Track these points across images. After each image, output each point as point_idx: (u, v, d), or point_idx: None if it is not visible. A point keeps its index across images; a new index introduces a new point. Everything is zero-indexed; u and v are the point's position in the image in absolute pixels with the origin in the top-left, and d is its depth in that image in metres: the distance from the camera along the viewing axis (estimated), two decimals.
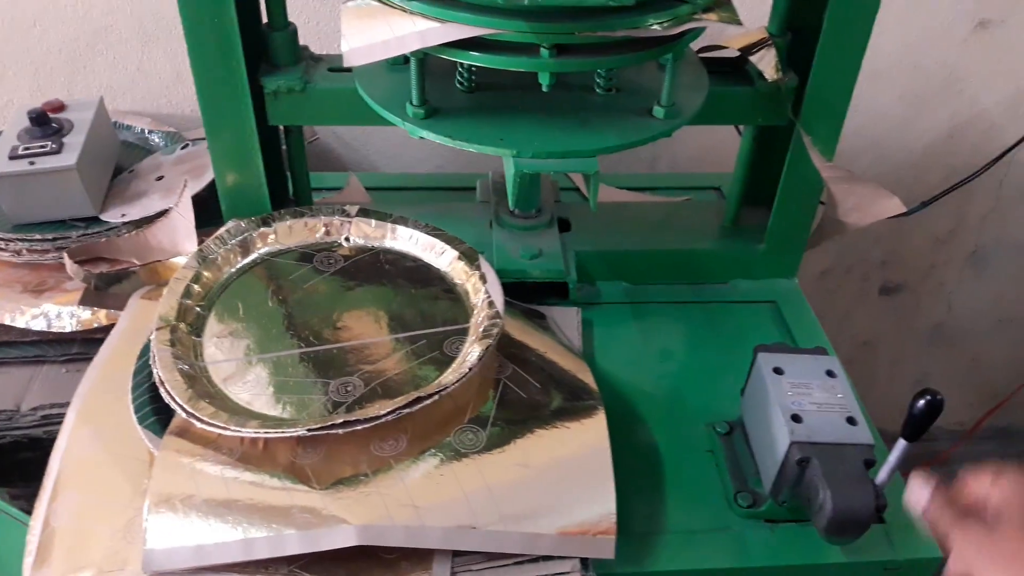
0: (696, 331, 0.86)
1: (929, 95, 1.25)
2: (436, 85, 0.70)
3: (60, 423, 0.69)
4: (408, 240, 0.79)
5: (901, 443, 0.59)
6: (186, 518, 0.56)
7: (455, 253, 0.77)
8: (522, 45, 0.62)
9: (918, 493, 0.52)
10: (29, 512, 0.63)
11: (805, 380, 0.66)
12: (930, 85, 1.24)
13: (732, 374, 0.76)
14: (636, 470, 0.70)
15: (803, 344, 0.83)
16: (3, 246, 0.87)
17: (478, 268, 0.75)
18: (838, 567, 0.65)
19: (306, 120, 0.80)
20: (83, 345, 0.87)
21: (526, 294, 0.83)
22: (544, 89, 0.65)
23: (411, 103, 0.68)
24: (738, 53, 0.81)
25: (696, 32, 0.66)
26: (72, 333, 0.84)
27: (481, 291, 0.72)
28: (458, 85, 0.72)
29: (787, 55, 0.80)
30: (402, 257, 0.78)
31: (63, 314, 0.84)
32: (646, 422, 0.75)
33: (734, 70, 0.82)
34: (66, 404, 0.70)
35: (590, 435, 0.66)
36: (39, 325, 0.84)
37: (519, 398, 0.67)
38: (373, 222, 0.79)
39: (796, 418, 0.63)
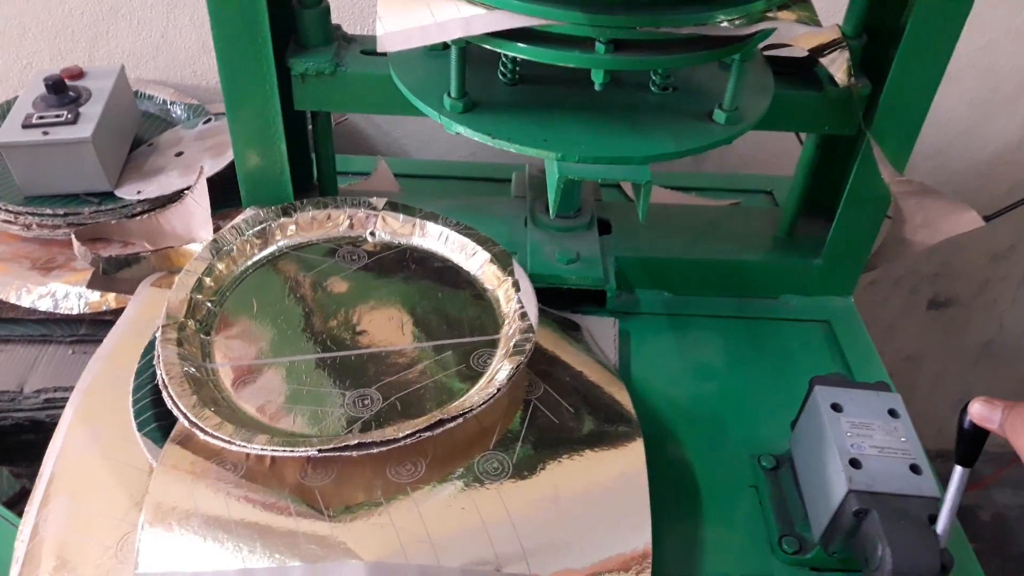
0: (741, 349, 0.80)
1: (1000, 101, 1.17)
2: (477, 74, 0.64)
3: (63, 407, 0.64)
4: (437, 239, 0.73)
5: (959, 471, 0.53)
6: (182, 539, 0.52)
7: (487, 255, 0.71)
8: (576, 38, 0.55)
9: (989, 414, 0.51)
10: (26, 495, 0.59)
11: (866, 420, 0.60)
12: (1003, 90, 1.16)
13: (779, 400, 0.71)
14: (670, 502, 0.64)
15: (857, 371, 0.77)
16: (12, 219, 0.83)
17: (511, 274, 0.69)
18: None
19: (335, 107, 0.75)
20: (91, 326, 0.83)
21: (560, 300, 0.78)
22: (596, 87, 0.58)
23: (449, 95, 0.62)
24: (806, 53, 0.74)
25: (768, 32, 0.59)
26: (80, 314, 0.80)
27: (513, 299, 0.67)
28: (500, 76, 0.66)
29: (861, 59, 0.73)
30: (430, 256, 0.73)
31: (71, 294, 0.80)
32: (683, 448, 0.70)
33: (800, 72, 0.75)
34: (70, 388, 0.66)
35: (625, 466, 0.60)
36: (45, 305, 0.80)
37: (550, 422, 0.62)
38: (401, 217, 0.74)
39: (855, 463, 0.57)
